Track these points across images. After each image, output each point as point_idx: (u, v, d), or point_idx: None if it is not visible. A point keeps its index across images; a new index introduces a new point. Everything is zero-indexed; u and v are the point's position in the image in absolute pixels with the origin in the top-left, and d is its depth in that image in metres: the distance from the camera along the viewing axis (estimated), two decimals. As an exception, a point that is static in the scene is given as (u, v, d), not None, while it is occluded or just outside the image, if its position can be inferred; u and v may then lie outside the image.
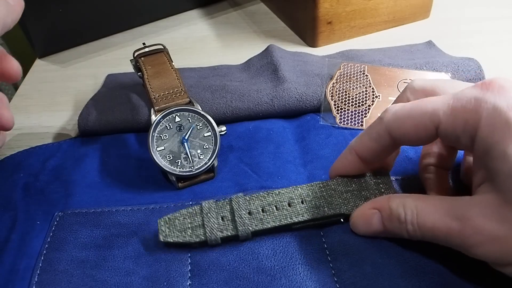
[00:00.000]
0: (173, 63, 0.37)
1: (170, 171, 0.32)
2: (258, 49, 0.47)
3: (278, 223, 0.28)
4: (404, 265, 0.26)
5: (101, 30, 0.55)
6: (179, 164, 0.32)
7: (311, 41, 0.51)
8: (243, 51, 0.49)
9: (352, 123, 0.38)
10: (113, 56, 0.52)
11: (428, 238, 0.24)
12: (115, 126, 0.38)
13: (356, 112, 0.38)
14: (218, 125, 0.34)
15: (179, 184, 0.33)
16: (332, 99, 0.39)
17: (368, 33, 0.53)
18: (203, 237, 0.28)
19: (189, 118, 0.33)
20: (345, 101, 0.39)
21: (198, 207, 0.29)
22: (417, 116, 0.24)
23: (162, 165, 0.32)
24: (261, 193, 0.29)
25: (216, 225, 0.28)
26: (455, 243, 0.23)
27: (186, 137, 0.33)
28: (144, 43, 0.39)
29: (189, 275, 0.27)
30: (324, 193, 0.29)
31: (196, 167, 0.32)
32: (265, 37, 0.54)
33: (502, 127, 0.21)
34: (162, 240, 0.28)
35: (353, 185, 0.29)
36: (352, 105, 0.39)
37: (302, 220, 0.28)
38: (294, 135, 0.37)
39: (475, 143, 0.22)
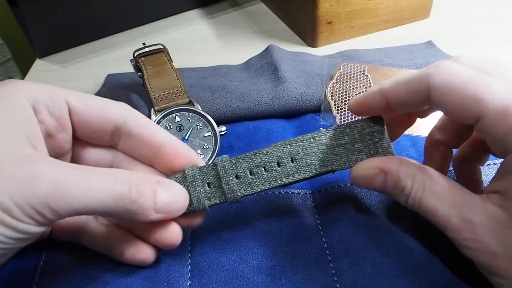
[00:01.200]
0: (173, 63, 0.37)
1: (170, 171, 0.32)
2: (258, 49, 0.47)
3: (267, 186, 0.26)
4: (404, 265, 0.26)
5: (101, 30, 0.55)
6: (179, 164, 0.32)
7: (311, 41, 0.51)
8: (243, 51, 0.49)
9: None
10: (113, 56, 0.52)
11: (422, 215, 0.24)
12: (115, 126, 0.38)
13: None
14: (218, 125, 0.34)
15: (179, 184, 0.33)
16: (332, 99, 0.39)
17: (368, 33, 0.53)
18: (190, 207, 0.26)
19: (189, 118, 0.33)
20: (345, 101, 0.39)
21: (181, 175, 0.26)
22: (467, 96, 0.21)
23: (162, 165, 0.32)
24: (248, 154, 0.27)
25: (202, 194, 0.26)
26: (448, 235, 0.23)
27: (186, 137, 0.33)
28: (144, 43, 0.39)
29: (189, 275, 0.27)
30: (315, 149, 0.27)
31: (196, 167, 0.32)
32: (265, 37, 0.54)
33: None
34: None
35: (346, 138, 0.27)
36: None
37: (293, 180, 0.27)
38: (294, 135, 0.37)
39: (509, 157, 0.21)
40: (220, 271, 0.27)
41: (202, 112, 0.33)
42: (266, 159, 0.27)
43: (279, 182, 0.26)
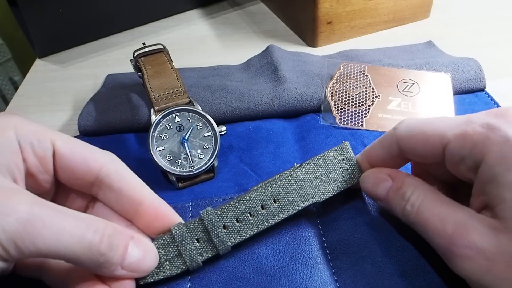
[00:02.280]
0: (173, 63, 0.37)
1: (170, 171, 0.32)
2: (258, 49, 0.47)
3: (256, 230, 0.27)
4: (404, 265, 0.26)
5: (101, 30, 0.55)
6: (179, 164, 0.32)
7: (311, 41, 0.51)
8: (243, 51, 0.49)
9: (352, 123, 0.38)
10: (113, 56, 0.52)
11: (417, 226, 0.25)
12: (115, 126, 0.38)
13: (356, 112, 0.38)
14: (218, 125, 0.34)
15: (179, 184, 0.33)
16: (332, 99, 0.39)
17: (368, 33, 0.53)
18: (183, 267, 0.26)
19: (189, 118, 0.33)
20: (345, 101, 0.39)
21: (168, 236, 0.26)
22: (428, 133, 0.24)
23: (162, 165, 0.32)
24: (232, 202, 0.27)
25: (194, 251, 0.26)
26: (440, 245, 0.23)
27: (186, 137, 0.33)
28: (144, 43, 0.39)
29: (189, 277, 0.27)
30: (295, 186, 0.28)
31: (196, 167, 0.32)
32: (265, 37, 0.54)
33: None
34: (141, 283, 0.25)
35: (320, 170, 0.29)
36: (352, 105, 0.39)
37: (279, 220, 0.28)
38: (294, 135, 0.37)
39: (480, 169, 0.22)
40: (220, 272, 0.27)
41: (202, 112, 0.33)
42: (250, 205, 0.27)
43: (266, 224, 0.27)
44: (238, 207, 0.27)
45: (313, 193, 0.28)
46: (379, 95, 0.39)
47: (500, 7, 0.58)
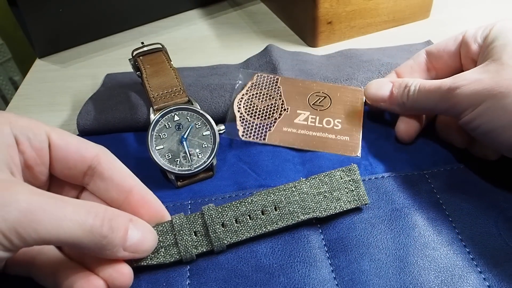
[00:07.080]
0: (171, 62, 0.37)
1: (169, 170, 0.32)
2: (258, 49, 0.47)
3: (253, 234, 0.28)
4: (402, 262, 0.26)
5: (101, 30, 0.56)
6: (178, 163, 0.32)
7: (311, 41, 0.51)
8: (243, 51, 0.49)
9: (255, 137, 0.36)
10: (113, 56, 0.52)
11: (421, 100, 0.31)
12: (114, 125, 0.38)
13: (261, 125, 0.37)
14: (217, 124, 0.34)
15: (178, 183, 0.33)
16: (238, 111, 0.37)
17: (368, 33, 0.53)
18: (177, 256, 0.27)
19: (188, 117, 0.33)
20: (251, 113, 0.37)
21: (168, 224, 0.27)
22: (450, 37, 0.34)
23: (161, 164, 0.32)
24: (233, 202, 0.28)
25: (190, 242, 0.27)
26: (442, 95, 0.29)
27: (185, 136, 0.33)
28: (142, 42, 0.39)
29: (188, 274, 0.27)
30: (297, 197, 0.29)
31: (195, 166, 0.32)
32: (265, 37, 0.54)
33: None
34: (134, 265, 0.26)
35: (325, 187, 0.29)
36: (257, 118, 0.37)
37: (277, 228, 0.28)
38: (293, 134, 0.37)
39: (486, 38, 0.30)
40: (219, 270, 0.27)
41: (201, 111, 0.33)
42: (251, 208, 0.28)
43: (264, 229, 0.28)
44: (239, 207, 0.28)
45: (314, 208, 0.28)
46: (287, 108, 0.38)
47: (500, 7, 0.58)
